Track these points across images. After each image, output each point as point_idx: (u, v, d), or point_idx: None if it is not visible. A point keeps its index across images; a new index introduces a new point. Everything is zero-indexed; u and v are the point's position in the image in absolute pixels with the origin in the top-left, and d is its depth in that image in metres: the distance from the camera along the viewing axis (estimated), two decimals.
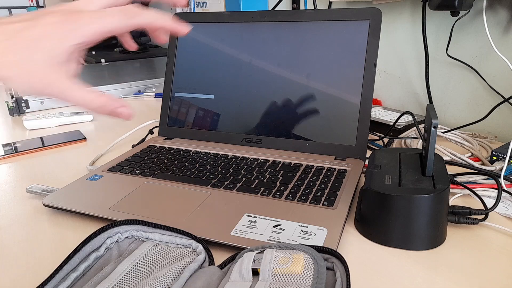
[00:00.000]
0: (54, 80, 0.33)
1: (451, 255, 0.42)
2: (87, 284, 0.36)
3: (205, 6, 1.34)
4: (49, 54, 0.33)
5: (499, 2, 0.71)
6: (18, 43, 0.33)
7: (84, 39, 0.34)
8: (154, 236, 0.42)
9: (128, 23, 0.35)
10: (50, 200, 0.52)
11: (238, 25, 0.70)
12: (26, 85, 0.33)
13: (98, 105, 0.34)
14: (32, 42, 0.33)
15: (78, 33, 0.33)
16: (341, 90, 0.63)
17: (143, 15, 0.35)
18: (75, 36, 0.33)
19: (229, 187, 0.54)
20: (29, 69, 0.33)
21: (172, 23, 0.37)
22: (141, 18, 0.35)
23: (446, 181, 0.44)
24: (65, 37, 0.33)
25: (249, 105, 0.68)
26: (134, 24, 0.35)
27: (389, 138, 0.72)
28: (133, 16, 0.35)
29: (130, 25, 0.35)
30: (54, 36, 0.33)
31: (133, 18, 0.35)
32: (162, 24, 0.36)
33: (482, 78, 0.77)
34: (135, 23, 0.35)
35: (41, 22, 0.33)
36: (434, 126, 0.42)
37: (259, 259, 0.36)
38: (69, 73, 0.34)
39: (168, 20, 0.37)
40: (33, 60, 0.33)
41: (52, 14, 0.34)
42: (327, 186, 0.53)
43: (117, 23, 0.34)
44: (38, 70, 0.33)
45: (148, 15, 0.35)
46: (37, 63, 0.33)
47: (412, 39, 0.88)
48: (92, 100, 0.34)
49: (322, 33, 0.64)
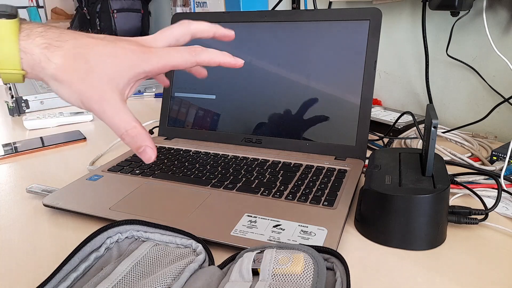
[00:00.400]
0: (107, 99, 0.34)
1: (451, 255, 0.42)
2: (87, 284, 0.36)
3: (205, 6, 1.34)
4: (116, 74, 0.34)
5: (499, 2, 0.71)
6: (92, 54, 0.34)
7: (151, 69, 0.35)
8: (154, 236, 0.42)
9: (192, 60, 0.37)
10: (50, 200, 0.52)
11: (238, 25, 0.69)
12: (77, 94, 0.34)
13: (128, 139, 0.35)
14: (107, 57, 0.34)
15: (149, 63, 0.35)
16: (341, 90, 0.63)
17: (206, 53, 0.37)
18: (145, 66, 0.35)
19: (229, 187, 0.54)
20: (90, 80, 0.33)
21: (230, 58, 0.39)
22: (203, 55, 0.37)
23: (446, 181, 0.44)
24: (137, 64, 0.35)
25: (249, 105, 0.68)
26: (196, 61, 0.37)
27: (389, 138, 0.72)
28: (196, 54, 0.37)
29: (193, 62, 0.37)
30: (128, 60, 0.35)
31: (197, 55, 0.37)
32: (221, 60, 0.38)
33: (482, 78, 0.77)
34: (197, 60, 0.37)
35: (118, 44, 0.35)
36: (434, 126, 0.42)
37: (259, 259, 0.36)
38: (123, 98, 0.35)
39: (226, 56, 0.39)
40: (99, 73, 0.34)
41: (128, 41, 0.36)
42: (327, 186, 0.53)
43: (182, 59, 0.36)
44: (98, 84, 0.34)
45: (210, 52, 0.38)
46: (101, 78, 0.34)
47: (412, 39, 0.88)
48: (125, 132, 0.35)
49: (322, 33, 0.64)
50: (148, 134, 0.35)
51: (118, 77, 0.34)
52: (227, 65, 0.39)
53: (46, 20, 2.48)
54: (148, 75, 0.36)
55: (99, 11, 1.81)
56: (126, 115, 0.34)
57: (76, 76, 0.33)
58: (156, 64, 0.35)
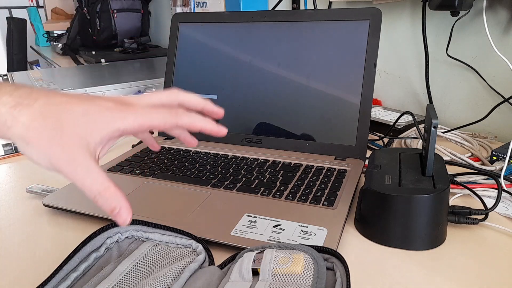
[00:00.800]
0: (77, 160, 0.32)
1: (451, 255, 0.42)
2: (87, 284, 0.36)
3: (205, 6, 1.34)
4: (87, 133, 0.32)
5: (499, 2, 0.71)
6: (63, 113, 0.32)
7: (126, 128, 0.34)
8: (154, 236, 0.42)
9: (171, 121, 0.35)
10: (50, 200, 0.52)
11: (238, 25, 0.69)
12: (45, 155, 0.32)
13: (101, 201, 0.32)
14: (79, 116, 0.32)
15: (124, 122, 0.33)
16: (341, 90, 0.63)
17: (186, 116, 0.36)
18: (120, 124, 0.33)
19: (229, 187, 0.54)
20: (59, 140, 0.32)
21: (212, 125, 0.38)
22: (184, 119, 0.36)
23: (446, 181, 0.44)
24: (111, 122, 0.33)
25: (249, 105, 0.68)
26: (176, 124, 0.36)
27: (389, 138, 0.72)
28: (176, 116, 0.36)
29: (172, 124, 0.36)
30: (101, 118, 0.33)
31: (176, 117, 0.36)
32: (202, 126, 0.37)
33: (482, 78, 0.77)
34: (177, 122, 0.36)
35: (94, 102, 0.34)
36: (434, 126, 0.42)
37: (259, 259, 0.36)
38: (94, 157, 0.33)
39: (208, 123, 0.37)
40: (69, 133, 0.32)
41: (107, 99, 0.35)
42: (327, 186, 0.53)
43: (161, 120, 0.35)
44: (68, 145, 0.32)
45: (191, 117, 0.36)
46: (71, 138, 0.32)
47: (412, 39, 0.88)
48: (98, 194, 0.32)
49: (322, 33, 0.64)
50: (122, 195, 0.33)
51: (89, 136, 0.32)
52: (208, 132, 0.38)
53: (46, 20, 2.48)
54: (123, 133, 0.34)
55: (99, 11, 1.81)
56: (98, 176, 0.32)
57: (45, 136, 0.31)
58: (132, 123, 0.34)
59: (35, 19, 2.60)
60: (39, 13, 2.62)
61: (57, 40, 2.28)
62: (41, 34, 2.46)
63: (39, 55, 2.35)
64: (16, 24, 2.75)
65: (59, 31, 2.33)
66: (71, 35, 1.95)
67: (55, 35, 2.35)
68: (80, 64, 1.70)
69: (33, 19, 2.61)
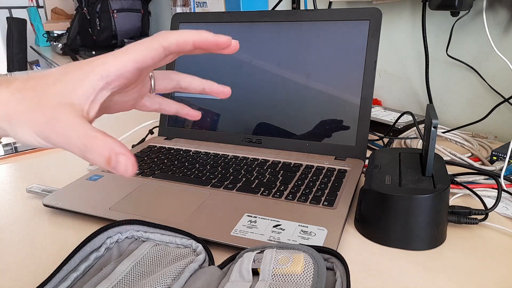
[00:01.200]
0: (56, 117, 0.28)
1: (451, 255, 0.42)
2: (87, 284, 0.36)
3: (205, 6, 1.34)
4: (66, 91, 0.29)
5: (499, 2, 0.71)
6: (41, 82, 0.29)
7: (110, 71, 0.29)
8: (154, 236, 0.42)
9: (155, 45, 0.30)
10: (50, 200, 0.52)
11: (238, 25, 0.70)
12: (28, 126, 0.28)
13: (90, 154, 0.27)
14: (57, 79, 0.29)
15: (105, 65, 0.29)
16: (341, 90, 0.63)
17: (172, 33, 0.31)
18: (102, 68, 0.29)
19: (229, 187, 0.54)
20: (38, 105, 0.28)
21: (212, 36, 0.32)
22: (169, 37, 0.30)
23: (446, 181, 0.44)
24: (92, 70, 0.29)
25: (249, 105, 0.68)
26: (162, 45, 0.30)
27: (389, 138, 0.72)
28: (161, 36, 0.30)
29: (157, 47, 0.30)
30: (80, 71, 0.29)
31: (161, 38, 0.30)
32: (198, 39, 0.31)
33: (482, 78, 0.77)
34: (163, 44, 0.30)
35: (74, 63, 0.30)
36: (434, 126, 0.42)
37: (259, 259, 0.36)
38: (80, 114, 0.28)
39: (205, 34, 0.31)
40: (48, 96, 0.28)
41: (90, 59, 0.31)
42: (327, 186, 0.53)
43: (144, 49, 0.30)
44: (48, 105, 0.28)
45: (179, 32, 0.31)
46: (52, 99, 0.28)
47: (412, 39, 0.88)
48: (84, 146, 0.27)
49: (322, 33, 0.64)
50: (117, 141, 0.28)
51: (70, 94, 0.28)
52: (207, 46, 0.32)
53: (46, 20, 2.48)
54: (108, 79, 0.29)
55: (99, 11, 1.81)
56: (82, 128, 0.27)
57: (25, 105, 0.28)
58: (114, 64, 0.29)
59: (35, 19, 2.60)
60: (39, 13, 2.62)
61: (57, 40, 2.28)
62: (41, 34, 2.46)
63: (39, 55, 2.35)
64: (16, 24, 2.75)
65: (59, 31, 2.33)
66: (71, 35, 1.95)
67: (55, 35, 2.35)
68: None
69: (33, 19, 2.61)
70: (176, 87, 0.39)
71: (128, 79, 0.31)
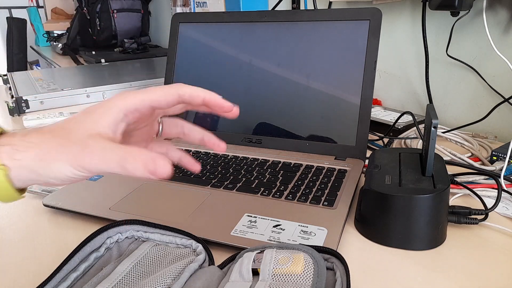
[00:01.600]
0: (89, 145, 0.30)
1: (451, 255, 0.42)
2: (87, 284, 0.36)
3: (205, 6, 1.34)
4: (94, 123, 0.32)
5: (499, 2, 0.71)
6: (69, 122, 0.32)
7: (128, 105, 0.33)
8: (154, 236, 0.42)
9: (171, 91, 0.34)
10: (50, 200, 0.52)
11: (238, 25, 0.69)
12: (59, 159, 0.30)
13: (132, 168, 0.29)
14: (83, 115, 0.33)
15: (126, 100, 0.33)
16: (341, 90, 0.63)
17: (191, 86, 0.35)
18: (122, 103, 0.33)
19: (229, 187, 0.54)
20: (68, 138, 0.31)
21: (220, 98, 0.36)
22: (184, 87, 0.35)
23: (446, 181, 0.44)
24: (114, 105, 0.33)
25: (249, 105, 0.68)
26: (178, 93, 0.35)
27: (389, 138, 0.72)
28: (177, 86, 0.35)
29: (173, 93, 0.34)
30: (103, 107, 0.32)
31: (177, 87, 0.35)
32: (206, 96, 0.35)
33: (482, 78, 0.77)
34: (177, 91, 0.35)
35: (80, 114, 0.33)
36: (434, 126, 0.42)
37: (259, 259, 0.36)
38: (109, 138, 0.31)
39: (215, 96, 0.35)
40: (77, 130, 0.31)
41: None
42: (327, 186, 0.53)
43: (161, 92, 0.34)
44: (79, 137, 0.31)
45: (195, 87, 0.35)
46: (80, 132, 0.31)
47: (412, 39, 0.88)
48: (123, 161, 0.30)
49: (322, 33, 0.64)
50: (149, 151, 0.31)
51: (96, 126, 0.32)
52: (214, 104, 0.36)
53: (46, 20, 2.48)
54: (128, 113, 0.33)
55: (99, 11, 1.81)
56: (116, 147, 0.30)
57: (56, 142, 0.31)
58: (133, 100, 0.33)
59: (35, 19, 2.60)
60: (39, 13, 2.61)
61: (57, 40, 2.28)
62: (41, 34, 2.46)
63: (39, 55, 2.35)
64: (16, 24, 2.75)
65: (59, 31, 2.32)
66: (71, 35, 1.95)
67: (55, 35, 2.35)
68: (80, 64, 1.70)
69: (33, 19, 2.61)
70: (180, 133, 0.41)
71: (142, 114, 0.35)
